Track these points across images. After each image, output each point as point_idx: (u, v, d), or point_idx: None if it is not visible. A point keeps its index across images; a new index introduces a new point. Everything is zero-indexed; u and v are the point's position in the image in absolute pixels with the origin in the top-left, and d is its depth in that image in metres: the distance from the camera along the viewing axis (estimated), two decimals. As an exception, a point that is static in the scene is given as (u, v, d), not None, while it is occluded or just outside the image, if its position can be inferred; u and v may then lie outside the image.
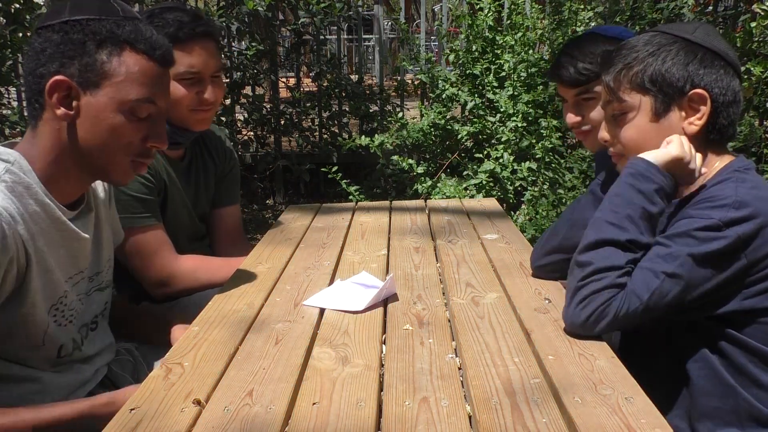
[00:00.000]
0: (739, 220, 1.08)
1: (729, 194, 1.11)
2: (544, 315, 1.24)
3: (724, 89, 1.18)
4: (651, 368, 1.22)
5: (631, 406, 0.90)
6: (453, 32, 4.64)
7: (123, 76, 1.12)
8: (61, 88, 1.11)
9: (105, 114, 1.13)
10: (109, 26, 1.13)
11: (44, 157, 1.15)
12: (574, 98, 1.60)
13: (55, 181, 1.16)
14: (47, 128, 1.14)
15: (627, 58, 1.22)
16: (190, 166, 1.86)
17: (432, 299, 1.37)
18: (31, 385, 1.19)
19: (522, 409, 0.91)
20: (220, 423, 0.90)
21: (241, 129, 4.52)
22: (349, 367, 1.06)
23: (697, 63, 1.18)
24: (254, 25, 4.07)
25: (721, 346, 1.14)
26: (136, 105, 1.14)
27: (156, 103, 1.17)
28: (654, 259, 1.12)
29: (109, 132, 1.14)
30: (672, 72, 1.18)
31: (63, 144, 1.14)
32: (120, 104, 1.13)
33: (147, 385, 1.00)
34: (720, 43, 1.21)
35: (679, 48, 1.19)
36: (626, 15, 4.04)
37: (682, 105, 1.19)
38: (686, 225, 1.12)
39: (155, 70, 1.16)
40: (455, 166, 4.04)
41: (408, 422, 0.89)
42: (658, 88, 1.19)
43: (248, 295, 1.41)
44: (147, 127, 1.18)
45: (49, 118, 1.13)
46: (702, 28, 1.22)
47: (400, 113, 4.42)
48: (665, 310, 1.10)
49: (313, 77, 4.67)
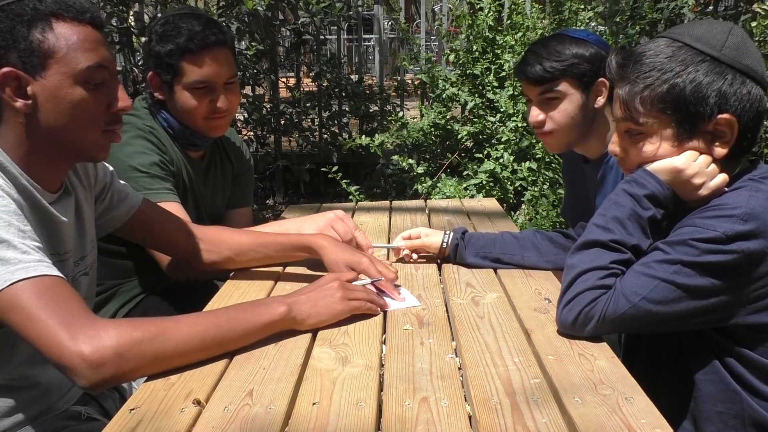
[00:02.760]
0: (745, 234, 1.03)
1: (739, 204, 1.06)
2: (544, 315, 1.24)
3: (752, 112, 1.10)
4: (656, 371, 1.22)
5: (631, 406, 0.90)
6: (453, 32, 4.64)
7: (65, 49, 1.08)
8: (10, 79, 1.07)
9: (63, 91, 1.09)
10: (32, 4, 1.07)
11: (15, 153, 1.11)
12: (538, 97, 1.60)
13: (33, 173, 1.13)
14: (10, 125, 1.11)
15: (647, 75, 1.12)
16: (209, 167, 1.90)
17: (432, 299, 1.37)
18: (32, 391, 1.19)
19: (522, 409, 0.91)
20: (220, 423, 0.90)
21: (241, 129, 4.52)
22: (349, 367, 1.06)
23: (727, 86, 1.08)
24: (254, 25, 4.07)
25: (725, 357, 1.12)
26: (89, 72, 1.10)
27: (107, 67, 1.13)
28: (649, 264, 1.09)
29: (72, 107, 1.10)
30: (698, 98, 1.09)
31: (31, 135, 1.11)
32: (74, 77, 1.09)
33: (147, 385, 1.00)
34: (750, 57, 1.11)
35: (708, 69, 1.09)
36: (626, 15, 4.04)
37: (707, 130, 1.11)
38: (688, 233, 1.07)
39: (92, 34, 1.11)
40: (455, 166, 4.04)
41: (408, 422, 0.89)
42: (682, 115, 1.11)
43: (249, 294, 1.41)
44: (106, 93, 1.14)
45: (10, 115, 1.10)
46: (731, 41, 1.11)
47: (401, 113, 4.42)
48: (659, 318, 1.08)
49: (313, 77, 4.67)
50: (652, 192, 1.14)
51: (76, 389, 1.27)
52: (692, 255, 1.05)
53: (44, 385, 1.21)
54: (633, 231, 1.14)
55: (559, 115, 1.59)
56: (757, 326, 1.09)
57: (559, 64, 1.55)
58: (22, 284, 0.97)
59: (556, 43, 1.58)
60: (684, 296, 1.06)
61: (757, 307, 1.08)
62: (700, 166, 1.12)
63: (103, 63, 1.12)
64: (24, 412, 1.18)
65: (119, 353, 0.96)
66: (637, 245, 1.13)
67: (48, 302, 0.97)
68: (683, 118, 1.11)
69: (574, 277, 1.14)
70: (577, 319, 1.11)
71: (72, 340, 0.94)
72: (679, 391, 1.18)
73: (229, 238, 1.52)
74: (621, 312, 1.07)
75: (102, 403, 1.34)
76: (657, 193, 1.14)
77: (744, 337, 1.11)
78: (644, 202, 1.14)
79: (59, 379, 1.23)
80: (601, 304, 1.09)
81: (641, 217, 1.14)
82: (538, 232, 1.60)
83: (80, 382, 0.96)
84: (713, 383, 1.14)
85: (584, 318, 1.10)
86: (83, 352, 0.94)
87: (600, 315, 1.09)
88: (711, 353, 1.14)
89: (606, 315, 1.08)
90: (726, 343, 1.12)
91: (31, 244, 1.02)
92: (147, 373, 1.01)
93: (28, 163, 1.12)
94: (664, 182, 1.14)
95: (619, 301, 1.08)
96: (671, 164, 1.13)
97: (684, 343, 1.17)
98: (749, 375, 1.11)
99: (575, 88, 1.57)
